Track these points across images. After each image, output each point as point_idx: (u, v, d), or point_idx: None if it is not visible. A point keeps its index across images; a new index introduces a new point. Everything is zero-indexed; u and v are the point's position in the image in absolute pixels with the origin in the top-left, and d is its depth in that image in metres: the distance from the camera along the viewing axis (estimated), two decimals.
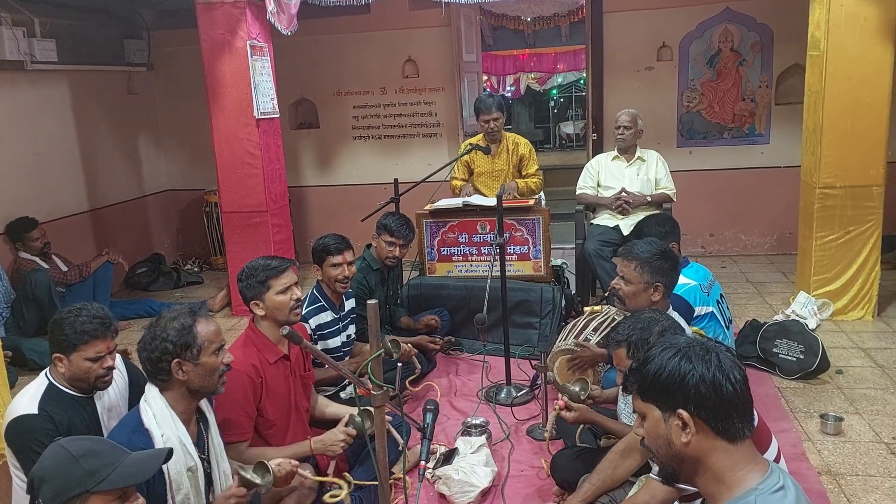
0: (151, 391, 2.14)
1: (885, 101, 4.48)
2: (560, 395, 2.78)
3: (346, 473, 2.68)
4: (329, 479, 2.43)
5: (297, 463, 2.28)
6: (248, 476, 2.07)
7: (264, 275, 2.72)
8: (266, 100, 5.35)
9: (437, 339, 4.23)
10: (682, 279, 3.32)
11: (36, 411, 2.34)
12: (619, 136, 4.98)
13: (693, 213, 6.31)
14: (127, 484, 1.64)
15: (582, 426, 2.82)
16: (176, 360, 2.12)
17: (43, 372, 2.50)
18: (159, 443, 2.04)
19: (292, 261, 2.87)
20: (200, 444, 2.20)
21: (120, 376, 2.60)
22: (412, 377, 3.75)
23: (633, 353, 2.30)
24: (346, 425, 2.63)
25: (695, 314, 3.46)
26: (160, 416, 2.08)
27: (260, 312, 2.73)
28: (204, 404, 2.28)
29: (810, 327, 4.36)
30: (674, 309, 2.96)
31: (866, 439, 3.30)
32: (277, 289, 2.71)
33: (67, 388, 2.43)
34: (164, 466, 2.03)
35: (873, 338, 4.50)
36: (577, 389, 2.76)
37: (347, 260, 3.49)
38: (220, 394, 2.25)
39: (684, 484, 1.51)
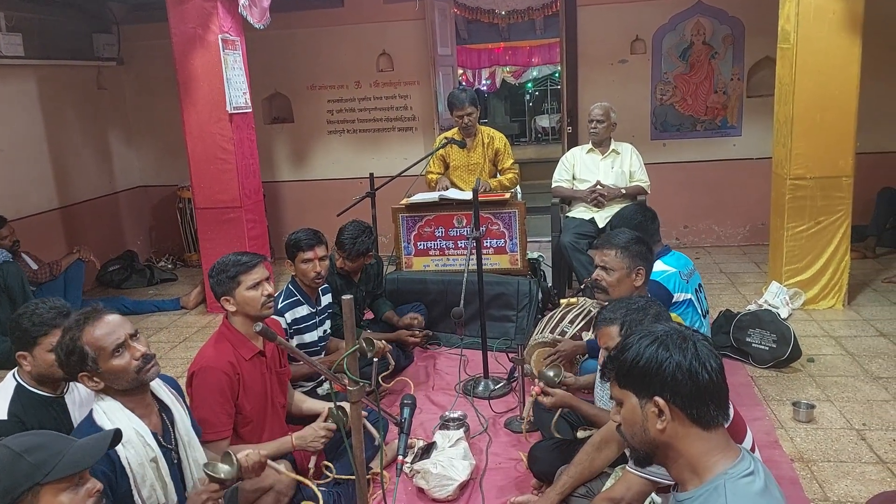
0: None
1: (853, 93, 4.55)
2: (536, 382, 2.80)
3: (328, 462, 2.67)
4: (301, 478, 2.40)
5: (265, 453, 2.24)
6: (210, 471, 2.01)
7: (234, 270, 2.68)
8: (238, 94, 5.29)
9: (417, 334, 4.22)
10: (662, 266, 3.37)
11: (5, 417, 2.29)
12: (592, 130, 5.02)
13: (667, 205, 6.34)
14: (76, 470, 1.62)
15: (557, 415, 2.84)
16: (80, 374, 2.06)
17: (10, 373, 2.44)
18: None
19: (263, 256, 2.83)
20: (167, 436, 2.16)
21: None
22: (385, 373, 3.74)
23: (626, 332, 2.30)
24: (326, 420, 2.63)
25: (673, 300, 3.50)
26: (111, 412, 2.04)
27: (231, 308, 2.70)
28: (167, 397, 2.23)
29: (782, 316, 4.42)
30: (652, 296, 2.99)
31: (837, 426, 3.36)
32: (248, 284, 2.68)
33: (36, 388, 2.39)
34: (125, 460, 2.00)
35: (844, 326, 4.58)
36: (551, 374, 2.80)
37: (319, 255, 3.44)
38: (147, 382, 2.14)
39: (658, 465, 1.53)
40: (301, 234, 3.47)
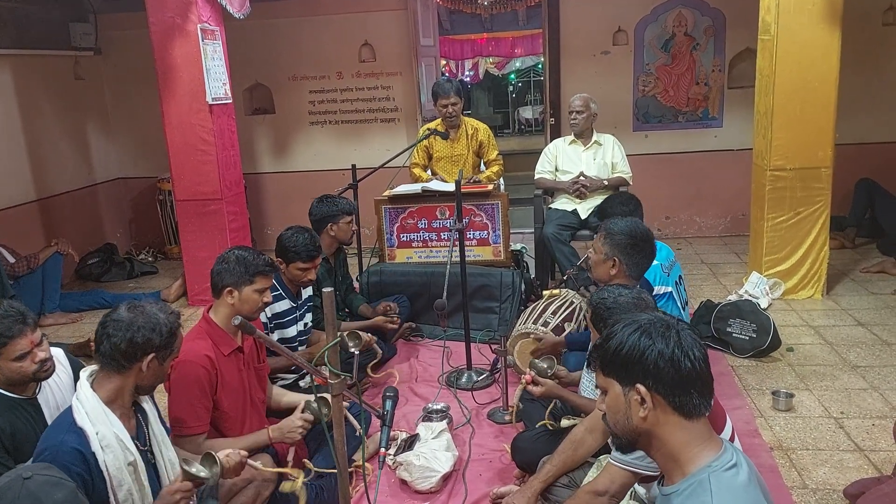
0: (83, 388, 2.04)
1: (832, 85, 4.58)
2: (526, 371, 2.82)
3: (306, 461, 2.66)
4: (282, 469, 2.38)
5: (245, 453, 2.21)
6: (192, 470, 1.98)
7: (255, 269, 2.69)
8: (218, 85, 5.23)
9: (395, 318, 4.19)
10: None
11: None
12: (572, 121, 5.03)
13: (649, 196, 6.32)
14: None
15: (551, 406, 2.85)
16: (152, 354, 2.07)
17: None
18: (94, 441, 1.96)
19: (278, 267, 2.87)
20: (141, 436, 2.14)
21: (64, 371, 2.48)
22: (374, 361, 3.72)
23: (594, 318, 2.44)
24: (303, 411, 2.63)
25: (654, 293, 3.52)
26: (93, 414, 2.00)
27: (230, 300, 2.67)
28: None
29: (762, 307, 4.47)
30: None
31: (816, 414, 3.40)
32: (258, 286, 2.69)
33: (6, 391, 2.31)
34: (102, 464, 1.97)
35: (822, 316, 4.63)
36: (544, 366, 2.81)
37: (316, 265, 3.44)
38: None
39: (640, 449, 1.54)
40: (300, 242, 3.35)
